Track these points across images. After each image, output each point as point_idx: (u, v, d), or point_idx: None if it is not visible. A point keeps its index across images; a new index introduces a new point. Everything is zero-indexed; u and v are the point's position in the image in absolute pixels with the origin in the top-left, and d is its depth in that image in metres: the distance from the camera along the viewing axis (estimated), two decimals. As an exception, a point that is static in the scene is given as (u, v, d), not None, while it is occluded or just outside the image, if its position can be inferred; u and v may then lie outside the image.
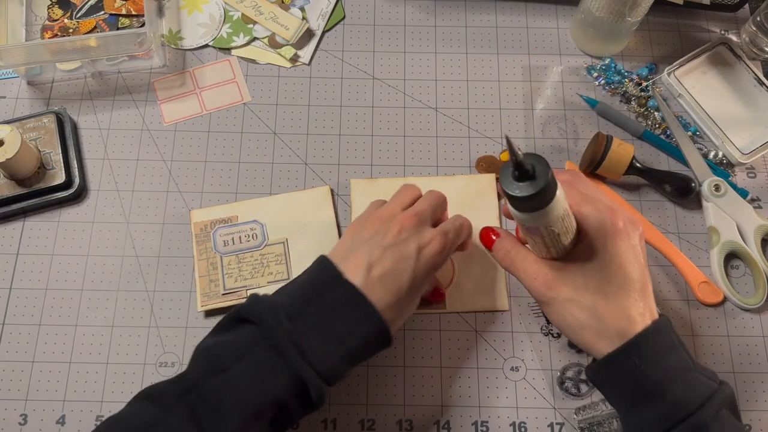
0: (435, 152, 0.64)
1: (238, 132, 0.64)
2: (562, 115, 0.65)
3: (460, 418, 0.55)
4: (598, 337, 0.44)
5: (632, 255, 0.44)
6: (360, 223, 0.50)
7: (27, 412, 0.55)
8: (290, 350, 0.43)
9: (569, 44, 0.68)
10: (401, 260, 0.46)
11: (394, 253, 0.46)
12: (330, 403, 0.55)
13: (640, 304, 0.44)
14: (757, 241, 0.59)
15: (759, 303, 0.57)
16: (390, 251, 0.47)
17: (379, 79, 0.67)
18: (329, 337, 0.44)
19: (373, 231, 0.48)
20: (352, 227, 0.50)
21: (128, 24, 0.67)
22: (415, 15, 0.69)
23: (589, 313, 0.44)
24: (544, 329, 0.57)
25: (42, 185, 0.60)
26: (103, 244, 0.60)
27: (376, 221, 0.49)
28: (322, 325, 0.44)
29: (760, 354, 0.57)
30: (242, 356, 0.43)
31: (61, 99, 0.65)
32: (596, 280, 0.44)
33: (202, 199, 0.62)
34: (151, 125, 0.64)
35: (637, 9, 0.60)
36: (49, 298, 0.58)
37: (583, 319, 0.45)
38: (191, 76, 0.67)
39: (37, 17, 0.68)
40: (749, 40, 0.67)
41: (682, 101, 0.65)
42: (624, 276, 0.44)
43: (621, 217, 0.45)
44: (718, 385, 0.43)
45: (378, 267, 0.46)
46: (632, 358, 0.43)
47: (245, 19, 0.68)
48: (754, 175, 0.63)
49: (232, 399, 0.42)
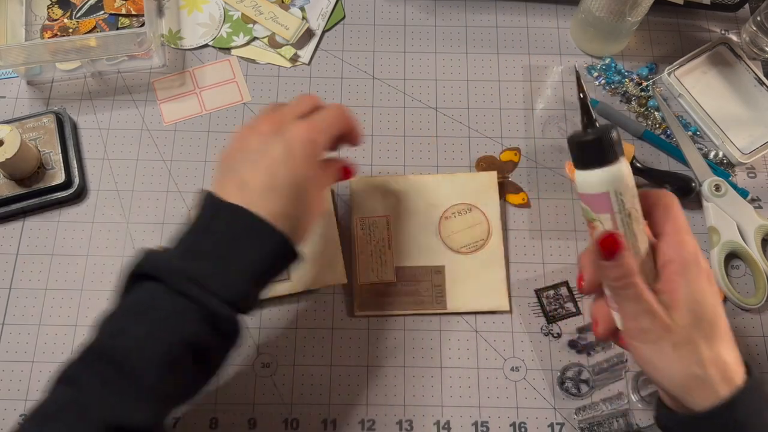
0: (435, 152, 0.64)
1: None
2: (562, 115, 0.65)
3: (460, 418, 0.55)
4: (704, 384, 0.39)
5: (717, 297, 0.40)
6: (240, 139, 0.48)
7: (27, 413, 0.55)
8: (191, 288, 0.41)
9: (569, 44, 0.68)
10: (272, 164, 0.44)
11: (263, 159, 0.44)
12: (330, 403, 0.55)
13: (733, 349, 0.40)
14: (757, 241, 0.59)
15: (759, 303, 0.57)
16: (260, 159, 0.44)
17: (379, 79, 0.67)
18: (227, 263, 0.42)
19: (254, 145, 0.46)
20: (233, 145, 0.48)
21: (128, 24, 0.67)
22: (415, 15, 0.69)
23: (694, 359, 0.39)
24: (545, 329, 0.57)
25: (42, 185, 0.60)
26: (103, 244, 0.60)
27: (255, 135, 0.47)
28: (218, 254, 0.42)
29: (761, 354, 0.57)
30: (144, 312, 0.41)
31: (60, 99, 0.65)
32: (696, 319, 0.39)
33: (202, 199, 0.62)
34: (151, 125, 0.64)
35: (638, 9, 0.60)
36: (49, 298, 0.58)
37: (689, 366, 0.39)
38: (191, 76, 0.66)
39: (37, 17, 0.67)
40: (749, 39, 0.67)
41: (683, 101, 0.65)
42: (715, 318, 0.40)
43: (701, 253, 0.41)
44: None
45: (253, 179, 0.44)
46: (739, 410, 0.38)
47: (245, 19, 0.68)
48: (754, 175, 0.63)
49: (138, 354, 0.39)
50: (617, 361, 0.56)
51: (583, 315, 0.58)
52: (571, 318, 0.58)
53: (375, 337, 0.57)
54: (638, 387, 0.55)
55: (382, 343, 0.57)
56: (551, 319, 0.58)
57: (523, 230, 0.61)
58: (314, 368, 0.56)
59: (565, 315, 0.58)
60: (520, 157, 0.63)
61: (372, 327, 0.58)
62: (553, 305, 0.58)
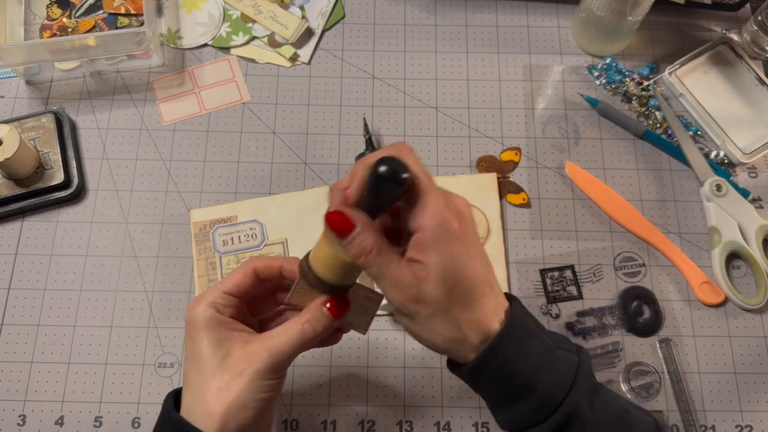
0: (435, 152, 0.63)
1: (238, 132, 0.64)
2: (563, 115, 0.65)
3: (461, 418, 0.55)
4: (462, 346, 0.40)
5: (471, 253, 0.40)
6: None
7: (26, 413, 0.55)
8: None
9: (570, 43, 0.68)
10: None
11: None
12: (330, 403, 0.55)
13: (491, 302, 0.40)
14: (758, 241, 0.59)
15: (760, 303, 0.57)
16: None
17: (379, 78, 0.66)
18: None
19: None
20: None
21: (127, 23, 0.67)
22: (415, 14, 0.69)
23: (452, 325, 0.39)
24: (544, 308, 0.57)
25: (40, 185, 0.60)
26: (102, 244, 0.60)
27: None
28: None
29: (762, 354, 0.57)
30: None
31: (59, 98, 0.65)
32: (448, 289, 0.39)
33: (201, 199, 0.62)
34: (150, 125, 0.64)
35: (639, 8, 0.60)
36: (48, 298, 0.58)
37: (448, 333, 0.40)
38: (190, 76, 0.66)
39: (36, 16, 0.67)
40: (750, 39, 0.67)
41: (684, 101, 0.65)
42: (469, 280, 0.39)
43: (454, 217, 0.39)
44: (577, 356, 0.42)
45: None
46: (497, 357, 0.40)
47: (244, 18, 0.68)
48: (755, 175, 0.63)
49: None
50: (612, 349, 0.56)
51: (583, 300, 0.58)
52: (571, 301, 0.58)
53: (375, 337, 0.57)
54: (629, 377, 0.55)
55: (382, 343, 0.57)
56: (552, 299, 0.58)
57: (524, 230, 0.61)
58: (314, 368, 0.56)
59: (566, 297, 0.58)
60: (520, 157, 0.63)
61: (372, 327, 0.57)
62: (556, 286, 0.59)
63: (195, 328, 0.42)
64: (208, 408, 0.40)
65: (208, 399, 0.40)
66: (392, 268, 0.38)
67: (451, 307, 0.39)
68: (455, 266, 0.39)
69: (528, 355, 0.41)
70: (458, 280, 0.39)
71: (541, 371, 0.41)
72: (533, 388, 0.40)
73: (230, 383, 0.40)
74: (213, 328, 0.42)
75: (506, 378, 0.41)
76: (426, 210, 0.38)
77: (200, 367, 0.42)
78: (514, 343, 0.41)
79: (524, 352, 0.41)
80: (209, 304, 0.43)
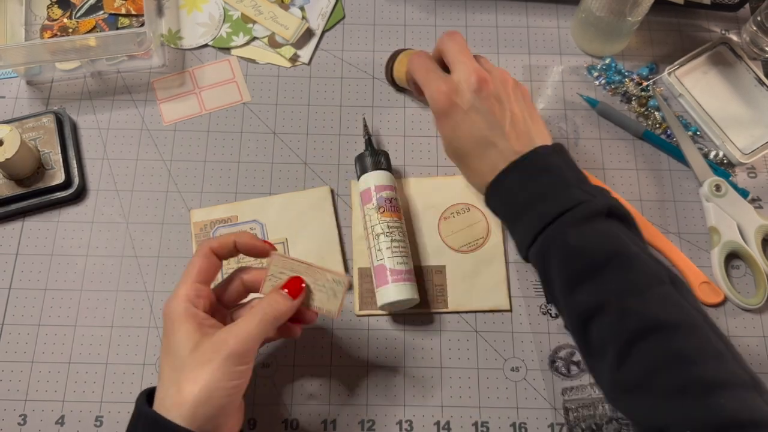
0: (435, 152, 0.64)
1: (238, 132, 0.64)
2: (562, 115, 0.65)
3: (461, 418, 0.55)
4: (496, 150, 0.51)
5: (489, 112, 0.52)
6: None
7: (26, 413, 0.55)
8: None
9: (570, 44, 0.68)
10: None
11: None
12: (330, 403, 0.55)
13: (539, 133, 0.52)
14: (757, 241, 0.59)
15: (760, 303, 0.57)
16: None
17: (379, 79, 0.66)
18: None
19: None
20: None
21: (128, 24, 0.67)
22: (415, 14, 0.69)
23: (488, 123, 0.51)
24: (543, 308, 0.57)
25: (41, 185, 0.60)
26: (103, 244, 0.60)
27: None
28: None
29: (761, 354, 0.57)
30: None
31: (60, 99, 0.65)
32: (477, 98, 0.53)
33: (201, 199, 0.62)
34: (151, 125, 0.64)
35: (638, 8, 0.60)
36: (49, 298, 0.58)
37: (483, 128, 0.51)
38: (191, 76, 0.66)
39: (37, 17, 0.67)
40: (750, 39, 0.67)
41: (683, 101, 0.65)
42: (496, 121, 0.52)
43: (447, 96, 0.52)
44: (601, 198, 0.48)
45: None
46: (512, 176, 0.50)
47: (245, 19, 0.68)
48: (754, 175, 0.63)
49: None
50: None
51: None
52: None
53: (375, 337, 0.57)
54: None
55: (382, 343, 0.57)
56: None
57: (524, 230, 0.61)
58: (314, 368, 0.56)
59: None
60: (520, 157, 0.63)
61: (372, 327, 0.58)
62: None
63: (171, 322, 0.44)
64: (178, 399, 0.41)
65: (179, 390, 0.42)
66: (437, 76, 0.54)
67: (491, 108, 0.52)
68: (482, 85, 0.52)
69: (535, 184, 0.50)
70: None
71: (542, 200, 0.49)
72: (530, 211, 0.49)
73: (199, 373, 0.42)
74: (188, 320, 0.44)
75: (511, 198, 0.51)
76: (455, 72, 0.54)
77: (173, 361, 0.43)
78: (528, 170, 0.50)
79: (532, 181, 0.50)
80: (183, 298, 0.44)
